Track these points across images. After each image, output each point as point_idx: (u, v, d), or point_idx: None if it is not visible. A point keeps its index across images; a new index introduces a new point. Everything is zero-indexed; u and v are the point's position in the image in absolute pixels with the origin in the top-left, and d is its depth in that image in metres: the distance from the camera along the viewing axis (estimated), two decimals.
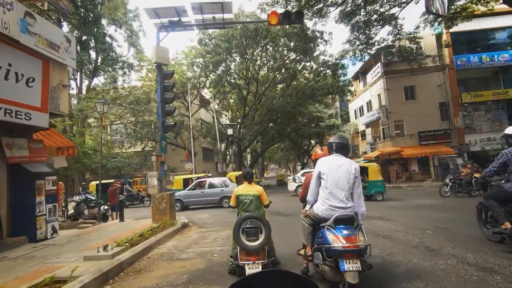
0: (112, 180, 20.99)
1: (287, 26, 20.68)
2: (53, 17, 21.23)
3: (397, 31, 20.24)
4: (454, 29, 19.17)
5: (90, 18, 23.96)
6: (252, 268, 3.45)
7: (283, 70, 23.91)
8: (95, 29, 24.45)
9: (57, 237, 7.77)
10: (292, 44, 21.58)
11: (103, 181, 18.72)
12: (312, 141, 39.48)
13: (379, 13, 19.17)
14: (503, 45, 23.30)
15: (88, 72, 26.45)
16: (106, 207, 12.55)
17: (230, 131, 24.08)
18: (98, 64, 26.52)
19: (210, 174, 20.74)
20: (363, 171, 13.92)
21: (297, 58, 23.08)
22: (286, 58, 23.01)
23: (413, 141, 22.91)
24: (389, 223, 7.07)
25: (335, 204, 3.21)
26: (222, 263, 4.84)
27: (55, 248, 6.15)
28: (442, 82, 23.11)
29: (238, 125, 27.05)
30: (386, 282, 3.40)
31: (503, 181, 4.56)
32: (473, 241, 4.94)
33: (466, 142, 22.48)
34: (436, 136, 22.62)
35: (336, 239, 3.03)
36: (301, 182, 14.44)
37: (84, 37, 25.27)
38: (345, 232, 3.07)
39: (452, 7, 17.20)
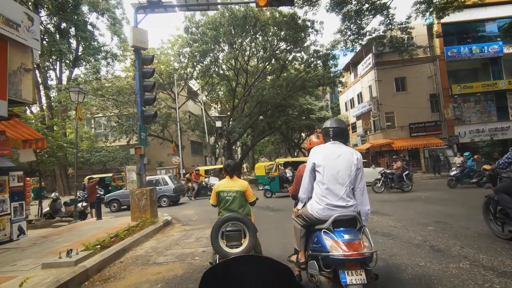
0: (110, 175, 20.05)
1: (277, 14, 20.01)
2: (29, 2, 19.92)
3: (388, 21, 19.77)
4: (445, 19, 18.90)
5: (69, 4, 22.60)
6: None
7: (273, 61, 23.20)
8: (75, 16, 23.10)
9: (23, 239, 7.03)
10: (282, 33, 20.87)
11: (99, 176, 17.83)
12: (303, 134, 39.11)
13: (370, 2, 18.66)
14: (493, 37, 23.22)
15: (68, 62, 25.13)
16: (84, 203, 11.79)
17: (219, 124, 23.36)
18: (79, 53, 25.23)
19: (197, 168, 20.05)
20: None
21: (288, 48, 22.41)
22: (276, 48, 22.28)
23: (404, 133, 22.74)
24: (385, 218, 6.62)
25: (334, 202, 2.63)
26: (203, 268, 4.25)
27: (15, 253, 5.44)
28: (433, 74, 22.91)
29: (228, 118, 26.32)
30: None
31: None
32: (481, 239, 4.49)
33: (455, 134, 22.45)
34: (426, 128, 22.51)
35: (336, 246, 2.46)
36: None
37: (64, 25, 23.94)
38: (346, 236, 2.50)
39: None
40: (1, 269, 4.37)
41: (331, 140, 2.87)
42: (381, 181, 12.36)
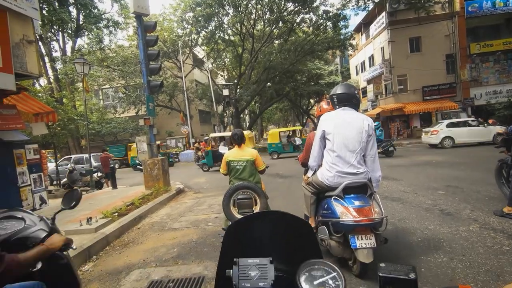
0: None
1: None
2: None
3: None
4: None
5: None
6: None
7: (280, 24, 22.13)
8: None
9: (45, 208, 7.40)
10: None
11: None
12: (312, 100, 38.42)
13: None
14: None
15: (70, 31, 24.57)
16: (100, 174, 12.18)
17: (226, 92, 23.03)
18: (81, 22, 24.55)
19: (206, 137, 20.19)
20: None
21: (296, 9, 21.23)
22: (283, 9, 21.13)
23: (417, 96, 22.05)
24: (395, 183, 6.64)
25: (344, 169, 2.62)
26: (217, 233, 4.43)
27: None
28: (450, 32, 21.55)
29: (235, 85, 25.89)
30: (403, 255, 2.94)
31: None
32: (493, 202, 4.47)
33: (471, 96, 21.63)
34: (440, 90, 21.71)
35: (346, 212, 2.49)
36: None
37: None
38: (356, 203, 2.52)
39: None
40: None
41: (341, 106, 2.79)
42: None
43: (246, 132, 14.65)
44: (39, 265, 1.39)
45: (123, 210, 5.74)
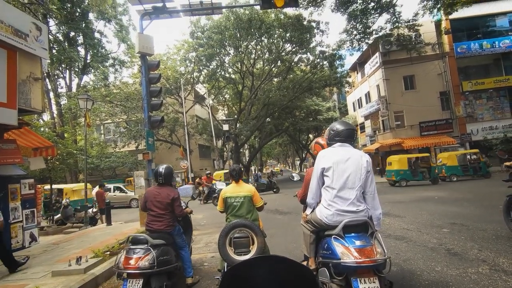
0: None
1: (282, 16, 20.00)
2: (38, 13, 20.39)
3: (395, 19, 19.58)
4: (454, 15, 18.52)
5: (77, 14, 23.08)
6: None
7: (279, 63, 23.16)
8: (83, 25, 23.56)
9: (35, 246, 7.10)
10: (287, 35, 20.82)
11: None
12: (311, 135, 38.87)
13: (376, 0, 18.49)
14: (504, 31, 22.65)
15: (77, 69, 25.59)
16: (95, 209, 11.89)
17: (226, 127, 23.37)
18: (88, 61, 25.68)
19: (208, 172, 20.08)
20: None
21: (293, 49, 22.35)
22: (281, 50, 22.24)
23: (414, 132, 22.34)
24: (398, 220, 6.44)
25: (344, 207, 2.54)
26: (213, 274, 4.20)
27: None
28: (442, 71, 22.47)
29: (235, 121, 26.35)
30: None
31: None
32: (501, 241, 4.30)
33: (468, 132, 21.93)
34: (437, 126, 22.07)
35: (347, 252, 2.37)
36: None
37: (72, 33, 24.42)
38: (357, 242, 2.40)
39: None
40: (14, 277, 4.40)
41: (338, 142, 2.77)
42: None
43: (72, 185, 12.97)
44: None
45: (116, 249, 5.49)
